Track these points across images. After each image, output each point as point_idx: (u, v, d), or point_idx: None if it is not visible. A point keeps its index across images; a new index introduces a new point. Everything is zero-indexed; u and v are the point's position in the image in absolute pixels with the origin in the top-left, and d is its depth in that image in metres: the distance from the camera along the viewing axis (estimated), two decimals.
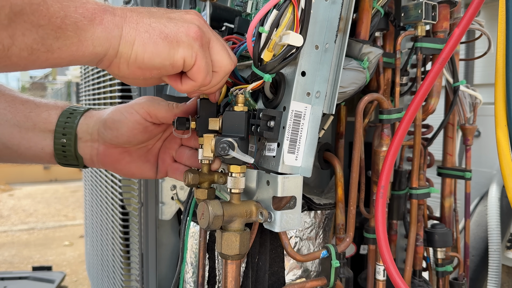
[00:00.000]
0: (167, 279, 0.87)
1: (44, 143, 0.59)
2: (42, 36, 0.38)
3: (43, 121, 0.59)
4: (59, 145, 0.59)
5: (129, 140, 0.59)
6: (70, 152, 0.60)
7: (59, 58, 0.40)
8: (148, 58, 0.44)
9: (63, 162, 0.61)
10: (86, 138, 0.60)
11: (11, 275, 2.22)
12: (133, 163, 0.63)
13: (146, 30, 0.44)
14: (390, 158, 0.59)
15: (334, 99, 0.55)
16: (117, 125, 0.58)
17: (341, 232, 0.71)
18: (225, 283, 0.55)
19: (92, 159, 0.62)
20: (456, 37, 0.57)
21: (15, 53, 0.37)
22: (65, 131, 0.59)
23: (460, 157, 1.40)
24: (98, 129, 0.60)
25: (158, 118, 0.58)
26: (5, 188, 6.08)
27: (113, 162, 0.62)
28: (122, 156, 0.62)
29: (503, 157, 0.47)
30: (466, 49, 1.61)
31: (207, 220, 0.50)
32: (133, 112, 0.58)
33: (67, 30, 0.39)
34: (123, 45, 0.43)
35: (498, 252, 1.22)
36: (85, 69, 1.39)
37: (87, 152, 0.61)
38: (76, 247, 3.73)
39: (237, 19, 0.60)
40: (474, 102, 0.86)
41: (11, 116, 0.58)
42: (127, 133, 0.58)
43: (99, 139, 0.60)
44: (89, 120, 0.61)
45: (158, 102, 0.58)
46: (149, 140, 0.62)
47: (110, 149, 0.61)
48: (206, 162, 0.58)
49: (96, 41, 0.41)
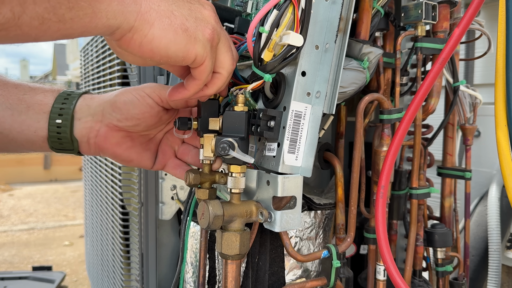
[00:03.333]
0: (167, 279, 0.87)
1: (37, 125, 0.57)
2: (54, 6, 0.37)
3: (38, 103, 0.58)
4: (54, 126, 0.57)
5: (137, 123, 0.58)
6: (65, 134, 0.58)
7: (71, 29, 0.40)
8: (165, 44, 0.44)
9: (56, 146, 0.59)
10: (86, 119, 0.59)
11: (11, 275, 2.22)
12: (133, 149, 0.61)
13: (168, 16, 0.44)
14: (390, 158, 0.59)
15: (334, 99, 0.55)
16: (128, 106, 0.57)
17: (341, 232, 0.71)
18: (225, 283, 0.55)
19: (89, 141, 0.60)
20: (456, 37, 0.57)
21: (25, 22, 0.36)
22: (62, 112, 0.58)
23: (460, 157, 1.40)
24: (104, 110, 0.58)
25: (169, 103, 0.58)
26: (5, 188, 6.09)
27: (113, 145, 0.60)
28: (124, 140, 0.60)
29: (503, 157, 0.47)
30: (466, 49, 1.61)
31: (207, 220, 0.50)
32: (145, 95, 0.57)
33: (81, 1, 0.38)
34: (140, 21, 0.42)
35: (498, 252, 1.22)
36: (85, 69, 1.39)
37: (84, 133, 0.59)
38: (76, 247, 3.73)
39: (237, 19, 0.60)
40: (474, 102, 0.86)
41: (3, 100, 0.57)
42: (137, 115, 0.57)
43: (103, 120, 0.59)
44: (90, 102, 0.59)
45: (168, 87, 0.57)
46: (155, 127, 0.62)
47: (113, 132, 0.59)
48: (208, 162, 0.58)
49: (110, 14, 0.40)
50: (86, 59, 1.36)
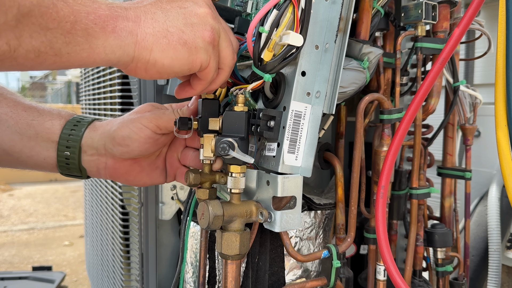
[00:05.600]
0: (167, 279, 0.87)
1: (46, 154, 0.58)
2: (51, 40, 0.37)
3: (46, 131, 0.58)
4: (62, 157, 0.58)
5: (141, 154, 0.59)
6: (74, 165, 0.59)
7: (68, 62, 0.40)
8: (168, 64, 0.45)
9: (65, 172, 0.61)
10: (91, 152, 0.59)
11: (11, 275, 2.22)
12: (143, 173, 0.62)
13: (164, 35, 0.44)
14: (390, 158, 0.59)
15: (334, 99, 0.55)
16: (127, 141, 0.57)
17: (341, 232, 0.71)
18: (225, 283, 0.55)
19: (100, 172, 0.61)
20: (456, 37, 0.57)
21: (21, 54, 0.37)
22: (69, 144, 0.58)
23: (460, 157, 1.40)
24: (105, 144, 0.59)
25: (167, 129, 0.58)
26: (5, 188, 6.08)
27: (123, 174, 0.61)
28: (132, 167, 0.61)
29: (503, 157, 0.47)
30: (466, 49, 1.61)
31: (207, 220, 0.50)
32: (142, 127, 0.57)
33: (77, 36, 0.39)
34: (139, 51, 0.43)
35: (498, 252, 1.22)
36: (85, 69, 1.39)
37: (93, 165, 0.60)
38: (76, 247, 3.73)
39: (237, 19, 0.60)
40: (474, 102, 0.86)
41: (13, 123, 0.57)
42: (138, 148, 0.58)
43: (107, 154, 0.59)
44: (93, 134, 0.60)
45: (163, 112, 0.58)
46: (158, 149, 0.62)
47: (120, 163, 0.60)
48: (208, 162, 0.58)
49: (108, 49, 0.41)
50: None
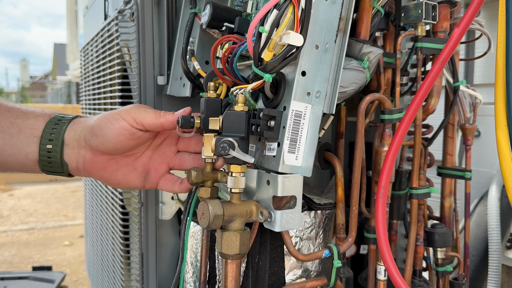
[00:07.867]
0: (167, 279, 0.87)
1: (28, 150, 0.59)
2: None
3: (30, 127, 0.59)
4: (44, 151, 0.59)
5: (116, 147, 0.59)
6: (56, 159, 0.59)
7: None
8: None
9: (47, 169, 0.61)
10: (73, 144, 0.60)
11: (11, 275, 2.22)
12: (119, 171, 0.62)
13: None
14: (391, 158, 0.59)
15: (334, 99, 0.55)
16: (103, 131, 0.58)
17: (341, 232, 0.71)
18: (225, 282, 0.55)
19: (78, 166, 0.61)
20: (456, 37, 0.57)
21: None
22: (52, 137, 0.59)
23: (460, 157, 1.40)
24: (85, 136, 0.59)
25: (144, 125, 0.58)
26: (5, 188, 6.08)
27: (99, 169, 0.61)
28: (109, 163, 0.61)
29: (503, 157, 0.47)
30: (466, 49, 1.61)
31: (207, 219, 0.50)
32: (119, 118, 0.57)
33: None
34: None
35: (498, 252, 1.22)
36: (85, 69, 1.39)
37: (73, 159, 0.61)
38: (76, 247, 3.72)
39: (237, 19, 0.60)
40: (474, 102, 0.86)
41: None
42: (113, 140, 0.58)
43: (86, 146, 0.60)
44: (76, 127, 0.60)
45: (145, 110, 0.58)
46: (137, 147, 0.62)
47: (97, 156, 0.60)
48: (210, 160, 0.58)
49: None
50: (86, 59, 1.36)
